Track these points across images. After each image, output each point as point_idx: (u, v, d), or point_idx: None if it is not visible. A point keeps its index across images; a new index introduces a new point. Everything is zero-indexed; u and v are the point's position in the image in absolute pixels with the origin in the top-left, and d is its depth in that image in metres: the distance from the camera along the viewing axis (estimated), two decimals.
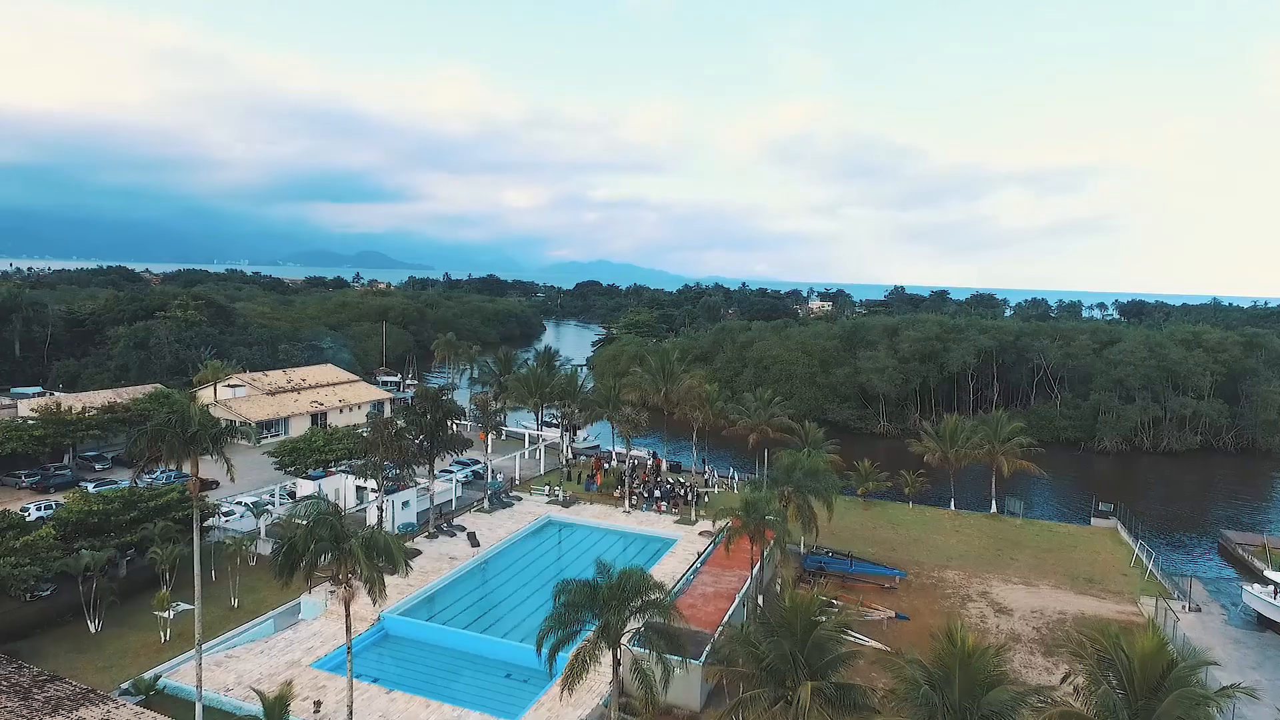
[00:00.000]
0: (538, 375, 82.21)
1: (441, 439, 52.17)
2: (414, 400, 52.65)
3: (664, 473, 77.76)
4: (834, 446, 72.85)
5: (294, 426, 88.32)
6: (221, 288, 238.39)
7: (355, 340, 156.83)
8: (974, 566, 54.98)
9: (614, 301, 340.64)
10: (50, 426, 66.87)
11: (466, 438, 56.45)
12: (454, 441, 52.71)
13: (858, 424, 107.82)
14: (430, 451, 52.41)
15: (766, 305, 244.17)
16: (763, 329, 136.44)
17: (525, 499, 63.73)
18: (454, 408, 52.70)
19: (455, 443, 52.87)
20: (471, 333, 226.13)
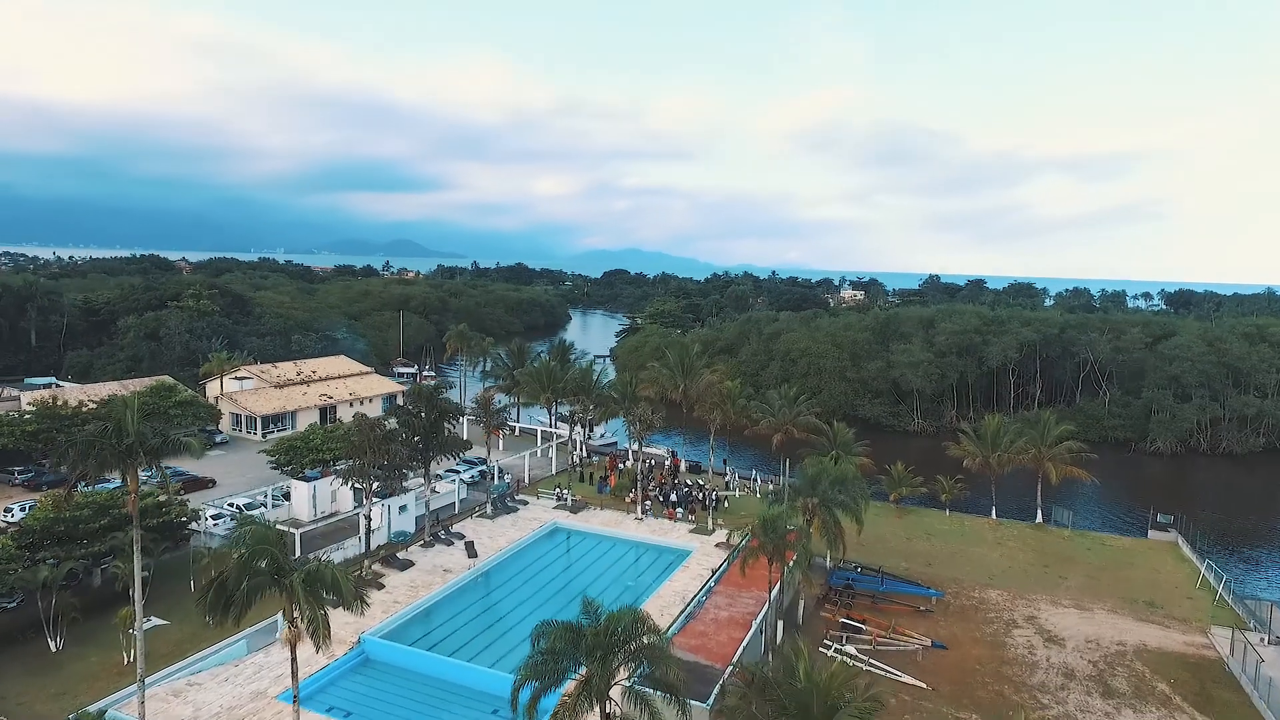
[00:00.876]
0: (550, 369, 78.35)
1: (437, 441, 48.40)
2: (407, 398, 48.86)
3: (682, 474, 73.46)
4: (864, 448, 68.02)
5: (302, 421, 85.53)
6: (247, 276, 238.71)
7: (375, 330, 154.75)
8: (1019, 585, 49.90)
9: (641, 291, 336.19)
10: (45, 421, 64.49)
11: (465, 439, 52.65)
12: (450, 444, 48.93)
13: (890, 421, 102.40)
14: (425, 454, 48.70)
15: (796, 295, 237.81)
16: (791, 320, 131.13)
17: (532, 503, 59.88)
18: (449, 407, 48.89)
19: (451, 445, 49.10)
20: (495, 322, 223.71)
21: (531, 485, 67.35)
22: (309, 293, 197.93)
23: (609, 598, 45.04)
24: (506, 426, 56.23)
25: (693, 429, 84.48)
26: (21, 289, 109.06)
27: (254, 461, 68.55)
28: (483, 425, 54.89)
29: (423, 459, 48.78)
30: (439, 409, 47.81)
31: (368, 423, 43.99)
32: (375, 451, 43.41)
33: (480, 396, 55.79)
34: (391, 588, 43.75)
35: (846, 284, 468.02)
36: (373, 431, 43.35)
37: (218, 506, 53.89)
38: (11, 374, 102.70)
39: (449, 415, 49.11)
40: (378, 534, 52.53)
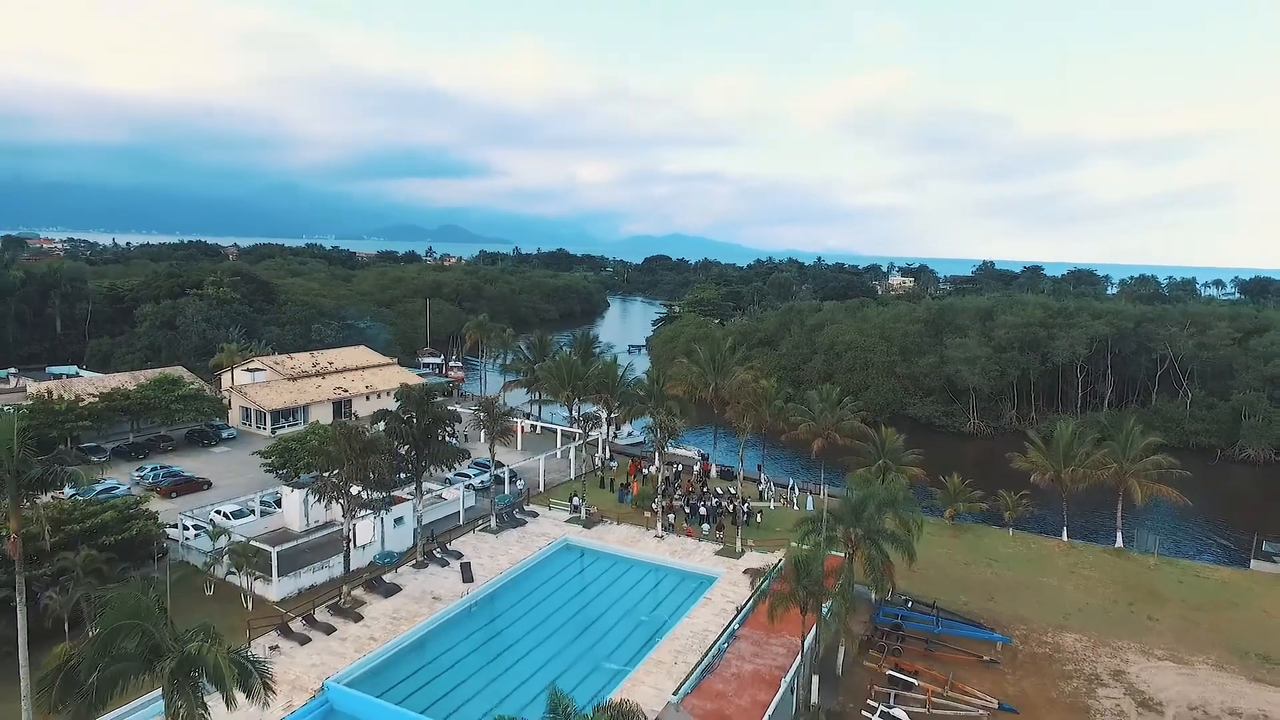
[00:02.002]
0: (571, 364, 72.53)
1: (429, 451, 43.02)
2: (398, 402, 43.56)
3: (711, 480, 67.18)
4: (916, 456, 60.91)
5: (314, 416, 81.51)
6: (287, 262, 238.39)
7: (406, 318, 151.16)
8: (1100, 628, 42.61)
9: (682, 277, 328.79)
10: (39, 417, 61.20)
11: (464, 447, 47.19)
12: (445, 454, 43.51)
13: (942, 422, 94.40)
14: (417, 465, 43.38)
15: (842, 282, 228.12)
16: (835, 310, 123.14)
17: (542, 515, 54.33)
18: (443, 413, 43.40)
19: (446, 455, 43.68)
20: (530, 310, 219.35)
21: (547, 492, 61.89)
22: (345, 279, 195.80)
23: (618, 636, 39.38)
24: (511, 434, 50.31)
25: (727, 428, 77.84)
26: (46, 276, 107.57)
27: (246, 464, 64.51)
28: (485, 431, 49.38)
29: (414, 470, 43.47)
30: (432, 415, 42.37)
31: (346, 430, 38.75)
32: (355, 464, 38.18)
33: (483, 400, 50.19)
34: (371, 619, 38.62)
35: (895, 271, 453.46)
36: (351, 440, 38.08)
37: (196, 517, 49.43)
38: (35, 362, 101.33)
39: (443, 422, 43.63)
40: (370, 549, 47.71)
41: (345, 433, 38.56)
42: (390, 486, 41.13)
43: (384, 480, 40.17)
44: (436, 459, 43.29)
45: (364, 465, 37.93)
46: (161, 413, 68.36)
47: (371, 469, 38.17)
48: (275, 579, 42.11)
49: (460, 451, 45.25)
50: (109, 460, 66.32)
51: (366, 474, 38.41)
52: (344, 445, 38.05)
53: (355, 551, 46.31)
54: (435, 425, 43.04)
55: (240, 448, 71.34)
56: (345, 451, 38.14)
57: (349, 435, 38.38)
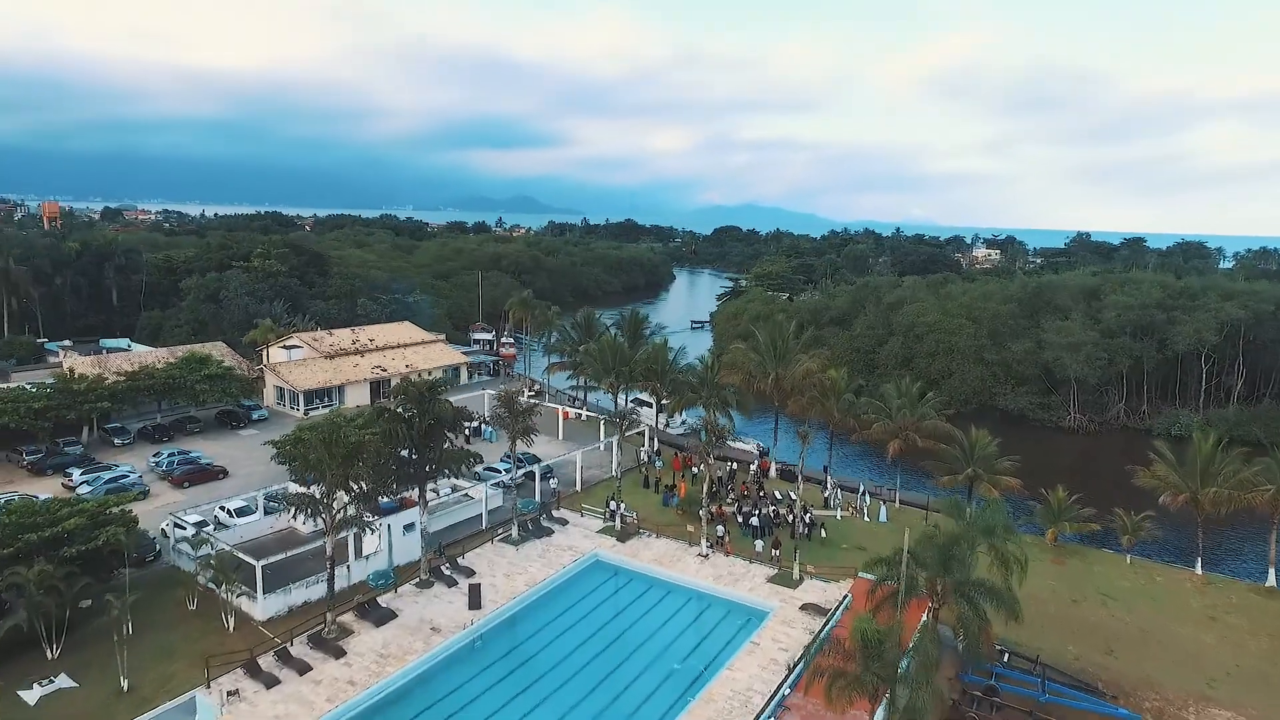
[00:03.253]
0: (616, 347, 65.82)
1: (432, 456, 36.99)
2: (396, 399, 37.57)
3: (769, 482, 59.59)
4: (1012, 464, 51.93)
5: (351, 396, 77.50)
6: (353, 233, 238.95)
7: (462, 291, 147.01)
8: (1261, 702, 33.62)
9: (752, 249, 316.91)
10: (56, 397, 58.35)
11: (473, 450, 40.97)
12: (451, 459, 37.42)
13: (1038, 415, 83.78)
14: (420, 472, 37.47)
15: (923, 255, 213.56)
16: (916, 287, 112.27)
17: (573, 523, 47.99)
18: (447, 412, 37.14)
19: (452, 460, 37.58)
20: (592, 282, 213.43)
21: (583, 493, 55.58)
22: (406, 250, 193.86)
23: (643, 689, 32.70)
24: (535, 433, 43.93)
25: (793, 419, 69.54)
26: (101, 248, 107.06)
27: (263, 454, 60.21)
28: (507, 431, 43.13)
29: (416, 478, 37.58)
30: (434, 415, 36.23)
31: (327, 430, 32.96)
32: (336, 473, 32.41)
33: (504, 393, 43.86)
34: (355, 654, 33.08)
35: (979, 242, 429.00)
36: (331, 447, 32.28)
37: (198, 514, 45.01)
38: (92, 334, 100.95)
39: (449, 423, 37.46)
40: (376, 560, 42.36)
41: (325, 437, 32.73)
42: (378, 499, 35.24)
43: (375, 492, 34.32)
44: (440, 465, 37.21)
45: (345, 478, 32.09)
46: (186, 393, 64.99)
47: (354, 480, 32.30)
48: (260, 596, 37.07)
49: (467, 456, 39.07)
50: (133, 442, 63.78)
51: (349, 485, 32.56)
52: (323, 452, 32.25)
53: (357, 563, 41.12)
54: (439, 428, 36.86)
55: (269, 430, 67.26)
56: (328, 456, 32.36)
57: (329, 440, 32.54)
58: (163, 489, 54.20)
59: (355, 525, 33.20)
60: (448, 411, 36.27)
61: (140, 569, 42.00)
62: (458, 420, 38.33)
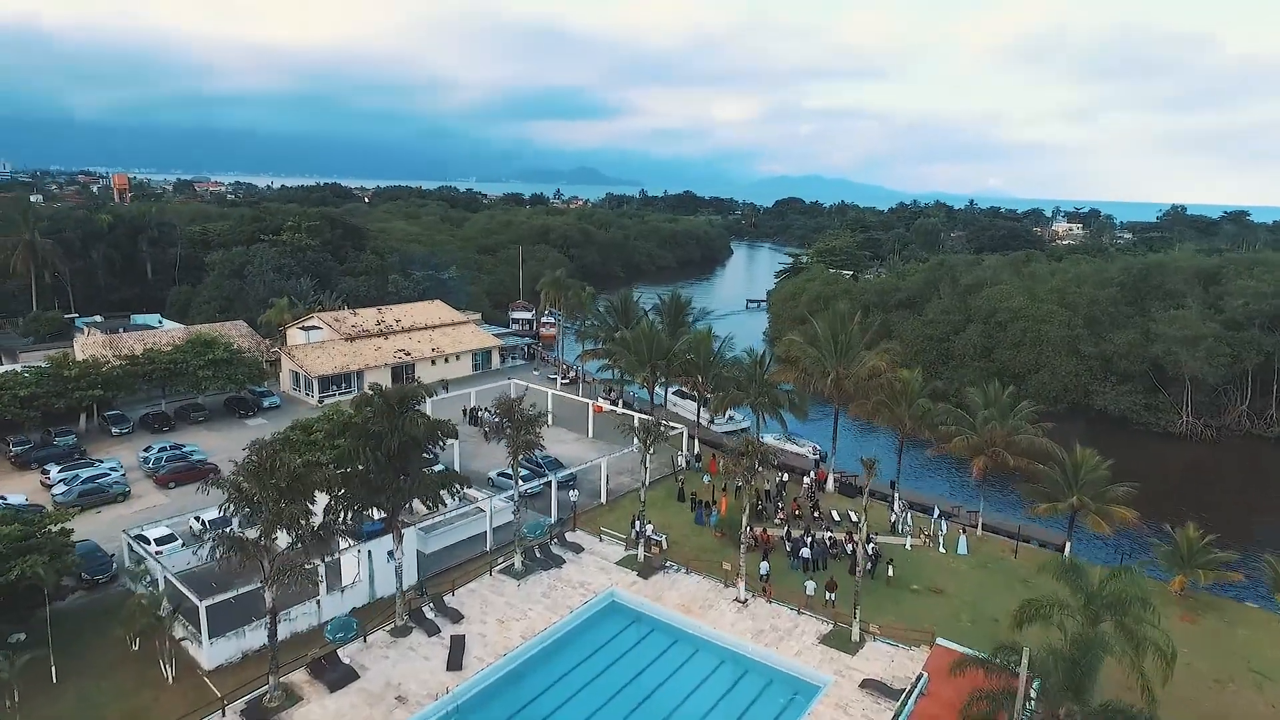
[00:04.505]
0: (653, 335, 58.05)
1: (405, 483, 30.10)
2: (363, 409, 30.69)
3: (825, 497, 51.21)
4: (1129, 491, 42.53)
5: (370, 382, 71.83)
6: (407, 205, 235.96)
7: (506, 266, 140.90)
8: None
9: (815, 222, 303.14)
10: (46, 384, 54.00)
11: (456, 474, 33.91)
12: (426, 485, 30.46)
13: (1142, 417, 72.66)
14: (393, 499, 30.67)
15: (1001, 230, 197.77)
16: (998, 267, 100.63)
17: (589, 548, 40.87)
18: (421, 427, 30.03)
19: (427, 487, 30.62)
20: (645, 257, 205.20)
21: (607, 507, 48.40)
22: (456, 223, 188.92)
23: None
24: (538, 445, 36.70)
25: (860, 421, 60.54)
26: (134, 220, 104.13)
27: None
28: (508, 443, 35.97)
29: (388, 505, 30.82)
30: (406, 432, 29.26)
31: (264, 456, 26.30)
32: (272, 510, 25.81)
33: (501, 401, 36.66)
34: None
35: (1060, 216, 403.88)
36: (261, 476, 25.63)
37: (159, 527, 39.50)
38: (126, 309, 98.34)
39: (427, 439, 30.50)
40: (354, 591, 36.11)
41: (260, 462, 26.10)
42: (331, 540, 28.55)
43: (328, 531, 27.67)
44: (413, 492, 30.35)
45: (277, 514, 25.43)
46: (188, 379, 60.15)
47: (288, 520, 25.63)
48: (205, 642, 31.06)
49: (447, 481, 32.06)
50: (132, 431, 59.36)
51: (287, 524, 25.93)
52: (256, 482, 25.64)
53: (330, 598, 34.89)
54: (414, 448, 29.93)
55: (280, 420, 61.95)
56: (260, 484, 25.78)
57: (263, 466, 25.91)
58: (146, 489, 49.29)
59: (296, 576, 26.54)
60: (422, 428, 29.21)
61: (91, 592, 36.87)
62: (436, 437, 31.29)
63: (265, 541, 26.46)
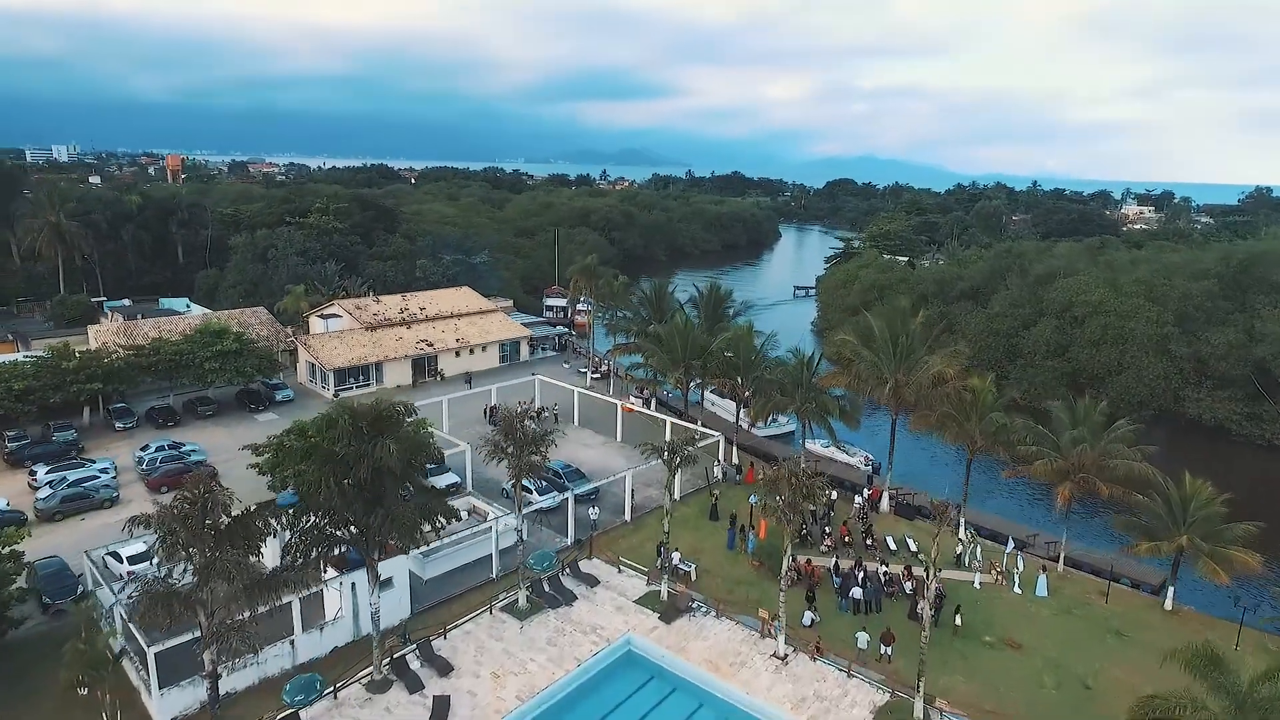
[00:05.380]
0: (687, 331, 52.41)
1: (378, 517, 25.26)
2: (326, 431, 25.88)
3: (878, 519, 45.14)
4: (1253, 529, 35.72)
5: (390, 374, 68.02)
6: (448, 186, 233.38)
7: (544, 249, 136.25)
8: None
9: (868, 204, 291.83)
10: (43, 376, 51.01)
11: (445, 505, 28.85)
12: (399, 522, 25.56)
13: (1242, 427, 64.34)
14: (365, 537, 25.89)
15: (1071, 214, 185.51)
16: (1073, 255, 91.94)
17: (606, 581, 35.77)
18: (395, 456, 25.00)
19: (401, 524, 25.70)
20: (689, 240, 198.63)
21: (632, 526, 43.30)
22: (497, 205, 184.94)
23: None
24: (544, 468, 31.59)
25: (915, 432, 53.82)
26: (164, 202, 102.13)
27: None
28: (508, 465, 30.89)
29: (362, 541, 26.06)
30: (378, 459, 24.35)
31: (198, 491, 21.70)
32: (206, 558, 21.25)
33: (505, 415, 31.49)
34: None
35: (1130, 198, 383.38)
36: (188, 519, 21.04)
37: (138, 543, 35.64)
38: (155, 292, 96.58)
39: (405, 468, 25.56)
40: (337, 627, 31.73)
41: (193, 501, 21.49)
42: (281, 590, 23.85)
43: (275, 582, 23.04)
44: (386, 530, 25.50)
45: (211, 565, 20.83)
46: (193, 372, 56.79)
47: (223, 573, 21.02)
48: (155, 693, 26.92)
49: (431, 510, 27.13)
50: (136, 426, 56.30)
51: (223, 575, 21.33)
52: (184, 526, 21.06)
53: (306, 636, 30.53)
54: (387, 478, 25.05)
55: (292, 414, 58.22)
56: (185, 522, 21.20)
57: (196, 506, 21.30)
58: (138, 494, 45.83)
59: (235, 638, 21.94)
60: (396, 456, 24.24)
61: (53, 619, 33.19)
62: (416, 464, 26.39)
63: (200, 594, 21.90)
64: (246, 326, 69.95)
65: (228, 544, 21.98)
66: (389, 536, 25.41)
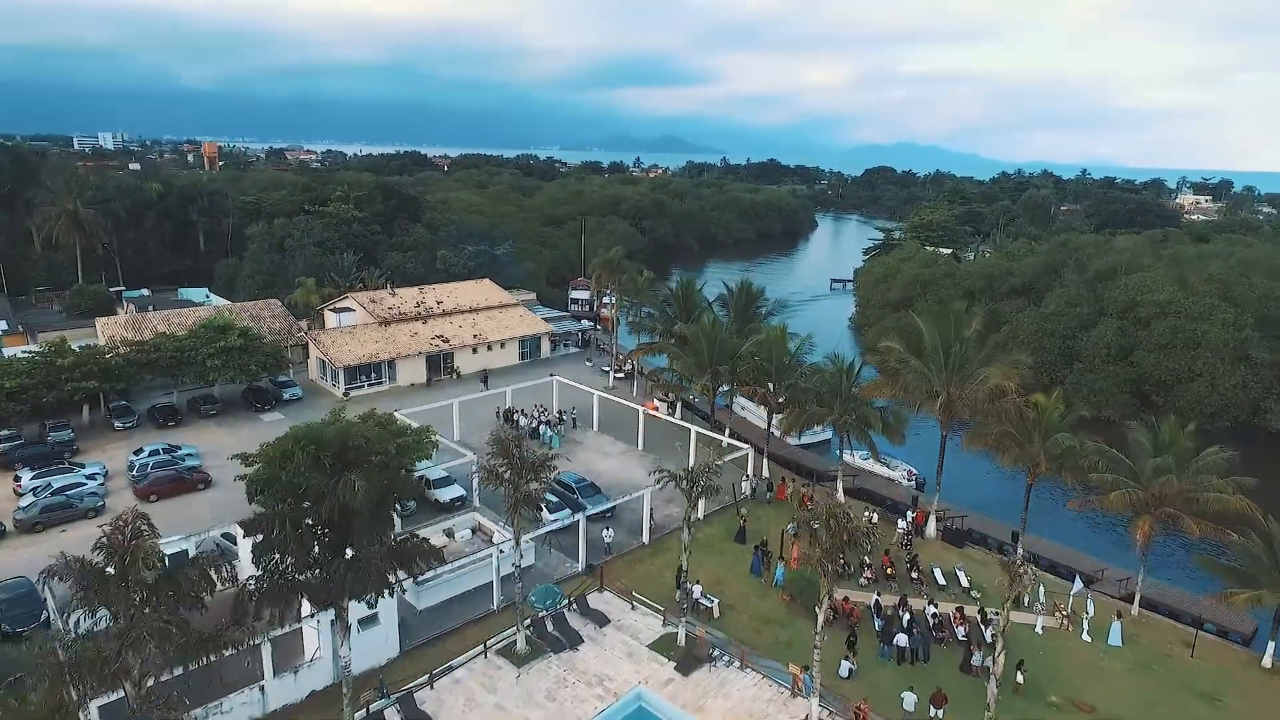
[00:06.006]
0: (714, 334, 48.11)
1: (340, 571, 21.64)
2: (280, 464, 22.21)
3: (924, 545, 40.59)
4: None
5: (404, 371, 64.91)
6: (479, 173, 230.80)
7: (573, 239, 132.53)
8: None
9: (907, 192, 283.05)
10: (37, 374, 48.60)
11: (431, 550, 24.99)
12: (367, 572, 21.87)
13: None
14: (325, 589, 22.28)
15: (1128, 204, 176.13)
16: (1137, 249, 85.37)
17: (617, 620, 31.92)
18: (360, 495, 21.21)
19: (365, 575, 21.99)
20: (722, 229, 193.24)
21: (650, 549, 39.43)
22: (526, 193, 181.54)
23: None
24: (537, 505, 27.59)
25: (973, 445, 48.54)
26: (185, 189, 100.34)
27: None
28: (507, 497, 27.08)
29: (323, 595, 22.47)
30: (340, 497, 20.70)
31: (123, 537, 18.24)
32: (129, 621, 17.84)
33: (501, 438, 27.56)
34: None
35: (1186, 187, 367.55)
36: (123, 568, 17.63)
37: None
38: (174, 282, 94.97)
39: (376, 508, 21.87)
40: (314, 669, 28.39)
41: (115, 552, 18.04)
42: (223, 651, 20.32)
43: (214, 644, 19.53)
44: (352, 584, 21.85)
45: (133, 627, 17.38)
46: (195, 370, 54.12)
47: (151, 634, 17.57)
48: None
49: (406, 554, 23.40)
50: (137, 425, 53.84)
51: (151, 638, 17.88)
52: (100, 583, 17.64)
53: (279, 681, 27.23)
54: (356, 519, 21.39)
55: (299, 414, 55.38)
56: (113, 590, 17.77)
57: (116, 555, 17.86)
58: (127, 501, 43.04)
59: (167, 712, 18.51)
60: (361, 494, 20.56)
61: (11, 647, 30.35)
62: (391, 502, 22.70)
63: (125, 658, 18.48)
64: (259, 320, 67.54)
65: (156, 602, 18.50)
66: (353, 589, 21.68)
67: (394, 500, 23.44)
